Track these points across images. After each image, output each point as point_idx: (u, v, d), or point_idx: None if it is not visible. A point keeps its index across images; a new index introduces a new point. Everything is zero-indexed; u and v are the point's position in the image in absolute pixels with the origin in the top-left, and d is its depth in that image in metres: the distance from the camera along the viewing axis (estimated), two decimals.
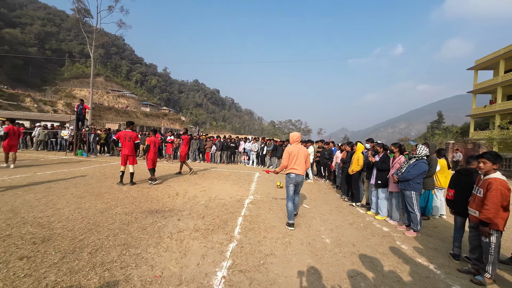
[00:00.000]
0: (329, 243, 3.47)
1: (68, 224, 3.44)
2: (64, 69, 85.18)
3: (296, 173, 4.09)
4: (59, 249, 2.73)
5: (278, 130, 54.73)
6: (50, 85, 73.06)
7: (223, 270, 2.56)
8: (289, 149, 4.18)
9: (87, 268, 2.40)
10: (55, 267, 2.39)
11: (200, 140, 13.17)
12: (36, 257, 2.54)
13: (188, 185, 6.64)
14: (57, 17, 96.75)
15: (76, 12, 29.95)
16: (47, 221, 3.50)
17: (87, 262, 2.51)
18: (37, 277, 2.20)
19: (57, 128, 15.32)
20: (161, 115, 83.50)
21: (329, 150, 8.79)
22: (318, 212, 5.03)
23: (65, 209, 4.06)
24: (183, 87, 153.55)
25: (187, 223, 3.81)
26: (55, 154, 12.34)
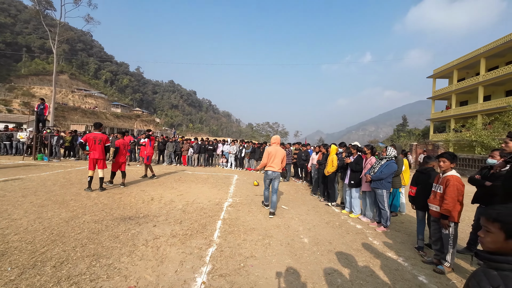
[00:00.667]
0: (307, 243, 3.57)
1: (26, 236, 3.12)
2: (20, 64, 77.15)
3: (272, 170, 4.90)
4: (17, 264, 2.46)
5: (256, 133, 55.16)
6: (3, 82, 65.65)
7: (202, 276, 2.51)
8: (269, 150, 4.97)
9: (50, 284, 2.19)
10: (12, 284, 2.14)
11: (176, 142, 12.76)
12: None
13: (164, 190, 6.39)
14: (13, 7, 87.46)
15: (35, 3, 27.42)
16: (1, 234, 3.13)
17: (50, 277, 2.29)
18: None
19: (13, 130, 13.81)
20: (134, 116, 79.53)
21: (306, 152, 9.06)
22: (296, 212, 5.14)
23: (22, 220, 3.67)
24: (157, 87, 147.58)
25: (163, 229, 3.66)
26: (10, 159, 11.09)
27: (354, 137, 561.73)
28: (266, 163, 4.94)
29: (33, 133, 11.57)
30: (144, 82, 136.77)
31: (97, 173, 5.87)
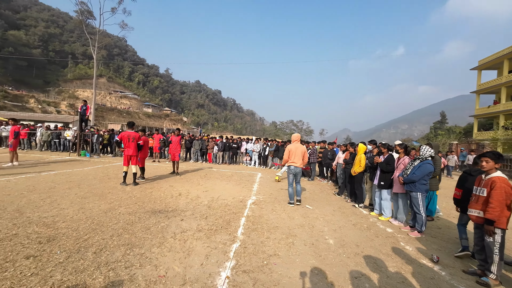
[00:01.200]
0: (332, 244, 3.46)
1: (72, 224, 3.47)
2: (67, 70, 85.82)
3: (294, 165, 5.29)
4: (64, 249, 2.75)
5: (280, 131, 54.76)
6: (53, 86, 73.66)
7: (226, 271, 2.57)
8: (289, 147, 5.39)
9: (92, 268, 2.41)
10: (60, 266, 2.40)
11: (202, 140, 13.20)
12: (42, 256, 2.56)
13: (191, 186, 6.65)
14: (60, 18, 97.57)
15: (79, 14, 30.21)
16: (52, 221, 3.53)
17: (92, 262, 2.52)
18: (44, 276, 2.22)
19: (61, 129, 15.43)
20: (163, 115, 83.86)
21: (332, 150, 8.77)
22: (321, 212, 5.02)
23: (69, 209, 4.09)
24: (185, 88, 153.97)
25: (190, 224, 3.82)
26: (59, 155, 12.43)
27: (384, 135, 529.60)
28: (288, 160, 5.37)
29: (77, 131, 12.83)
30: (173, 83, 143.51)
31: (131, 168, 6.31)
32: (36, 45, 77.77)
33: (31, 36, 78.45)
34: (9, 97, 47.70)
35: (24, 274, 2.24)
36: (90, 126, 14.53)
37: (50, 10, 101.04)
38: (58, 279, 2.19)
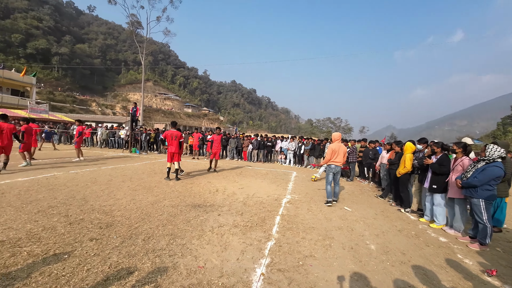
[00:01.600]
0: (374, 250, 3.22)
1: (125, 213, 3.90)
2: (120, 76, 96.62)
3: (335, 164, 5.34)
4: (119, 234, 3.11)
5: (316, 129, 52.99)
6: (110, 90, 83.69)
7: (261, 268, 2.59)
8: (332, 146, 5.35)
9: (141, 253, 2.68)
10: (116, 249, 2.72)
11: (238, 139, 13.55)
12: (102, 239, 2.94)
13: (227, 182, 6.89)
14: (115, 30, 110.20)
15: (130, 25, 33.65)
16: (110, 209, 4.02)
17: (141, 248, 2.80)
18: (103, 257, 2.55)
19: (116, 129, 17.46)
20: (202, 115, 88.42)
21: (374, 149, 8.16)
22: (361, 215, 4.71)
23: (123, 200, 4.60)
24: (221, 88, 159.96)
25: (226, 219, 3.96)
26: (114, 151, 14.10)
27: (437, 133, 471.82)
28: (330, 159, 5.32)
29: (128, 131, 14.36)
30: (210, 83, 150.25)
31: (174, 165, 6.80)
32: (96, 56, 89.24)
33: (93, 47, 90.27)
34: (76, 101, 55.75)
35: (89, 254, 2.59)
36: (139, 126, 16.12)
37: (107, 24, 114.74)
38: (115, 261, 2.49)
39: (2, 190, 4.65)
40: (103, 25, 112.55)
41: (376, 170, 7.84)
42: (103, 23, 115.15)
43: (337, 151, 5.29)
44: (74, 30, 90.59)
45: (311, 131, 55.12)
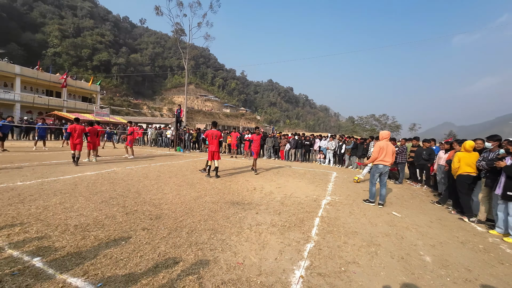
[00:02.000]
0: (429, 262, 2.86)
1: (172, 207, 4.22)
2: (167, 81, 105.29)
3: (384, 164, 5.01)
4: (166, 226, 3.37)
5: (358, 127, 49.66)
6: (158, 94, 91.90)
7: (300, 270, 2.52)
8: (380, 144, 5.05)
9: (185, 245, 2.86)
10: (164, 240, 2.96)
11: (274, 138, 13.51)
12: (152, 230, 3.23)
13: (264, 181, 6.92)
14: (162, 39, 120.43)
15: (174, 33, 36.37)
16: (158, 203, 4.40)
17: (185, 240, 2.99)
18: (153, 246, 2.79)
19: (163, 129, 19.10)
20: (239, 115, 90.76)
21: (429, 149, 7.26)
22: (412, 222, 4.24)
23: (169, 194, 4.99)
24: (258, 87, 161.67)
25: (264, 218, 3.97)
26: (162, 150, 15.44)
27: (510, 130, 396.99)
28: (377, 158, 5.04)
29: (174, 131, 15.56)
30: (247, 84, 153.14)
31: (214, 163, 7.12)
32: (147, 63, 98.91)
33: (144, 56, 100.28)
34: (131, 105, 62.70)
35: (141, 242, 2.87)
36: (183, 126, 17.33)
37: (156, 34, 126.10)
38: (163, 250, 2.71)
39: (75, 182, 5.50)
40: (152, 35, 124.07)
41: (431, 172, 6.98)
42: (152, 33, 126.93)
43: (385, 150, 4.99)
44: (129, 42, 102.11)
45: (353, 129, 51.84)
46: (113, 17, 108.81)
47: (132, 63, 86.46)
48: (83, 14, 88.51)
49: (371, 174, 5.19)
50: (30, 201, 4.02)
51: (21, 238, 2.77)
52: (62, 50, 68.44)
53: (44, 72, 28.28)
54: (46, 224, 3.17)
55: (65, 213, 3.62)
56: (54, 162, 8.07)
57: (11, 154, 9.56)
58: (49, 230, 3.03)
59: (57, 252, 2.53)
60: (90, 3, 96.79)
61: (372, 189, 5.13)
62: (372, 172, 5.15)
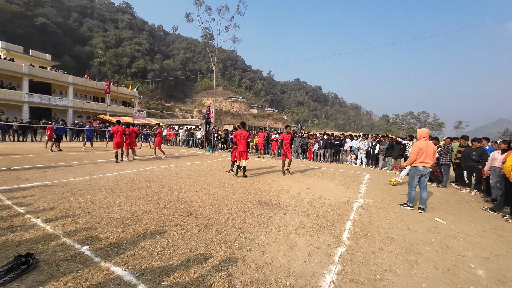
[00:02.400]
0: (483, 276, 2.53)
1: (202, 205, 4.37)
2: (196, 84, 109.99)
3: (424, 165, 4.59)
4: (197, 223, 3.50)
5: (394, 125, 46.32)
6: (188, 97, 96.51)
7: (331, 274, 2.41)
8: (419, 145, 4.60)
9: (215, 242, 2.93)
10: (195, 236, 3.08)
11: (303, 138, 13.24)
12: (184, 226, 3.38)
13: (292, 182, 6.81)
14: (192, 45, 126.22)
15: (204, 37, 37.84)
16: (189, 200, 4.60)
17: (215, 237, 3.07)
18: (185, 241, 2.92)
19: (194, 130, 19.97)
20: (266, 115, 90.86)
21: (480, 149, 6.46)
22: (460, 230, 3.80)
23: (199, 193, 5.18)
24: (285, 87, 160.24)
25: (292, 218, 3.90)
26: (193, 150, 16.13)
27: None
28: (415, 160, 4.64)
29: (203, 131, 16.16)
30: (274, 84, 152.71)
31: (242, 162, 7.21)
32: (178, 68, 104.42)
33: (176, 62, 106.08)
34: (165, 108, 66.75)
35: (174, 237, 3.02)
36: (212, 127, 17.91)
37: (187, 40, 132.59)
38: (194, 246, 2.81)
39: (117, 179, 6.01)
40: (183, 41, 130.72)
41: (482, 175, 6.21)
42: (184, 39, 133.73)
43: (425, 150, 4.56)
44: (162, 49, 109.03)
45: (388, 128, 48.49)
46: (148, 27, 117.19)
47: (166, 69, 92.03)
48: (123, 26, 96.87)
49: (410, 177, 4.78)
50: (80, 196, 4.49)
51: (73, 228, 3.11)
52: (106, 59, 75.86)
53: (91, 80, 31.54)
54: (93, 217, 3.52)
55: (109, 207, 3.97)
56: (100, 161, 8.94)
57: (65, 153, 10.83)
58: (95, 222, 3.35)
59: (102, 242, 2.78)
60: (129, 15, 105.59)
61: (411, 193, 4.75)
62: (412, 174, 4.73)
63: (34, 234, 2.89)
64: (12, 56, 25.71)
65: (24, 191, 4.56)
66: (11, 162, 7.60)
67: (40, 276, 2.13)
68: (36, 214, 3.47)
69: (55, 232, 2.97)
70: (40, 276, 2.13)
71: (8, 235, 2.82)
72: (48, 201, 4.07)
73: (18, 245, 2.61)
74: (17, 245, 2.62)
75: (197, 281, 2.18)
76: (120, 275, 2.20)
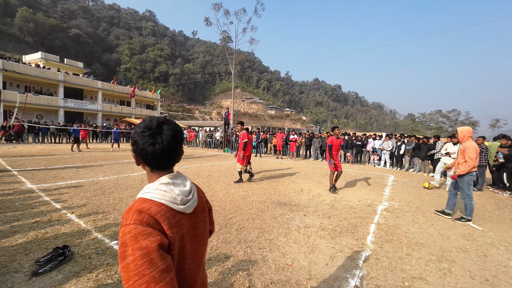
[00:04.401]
0: None
1: (222, 204, 4.43)
2: (215, 86, 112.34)
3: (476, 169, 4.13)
4: (217, 222, 3.55)
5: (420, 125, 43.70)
6: (208, 100, 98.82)
7: (355, 279, 2.32)
8: (477, 147, 4.06)
9: (235, 242, 2.96)
10: (215, 235, 3.13)
11: (322, 138, 12.96)
12: None
13: (312, 183, 6.68)
14: (211, 48, 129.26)
15: (222, 40, 38.54)
16: (209, 200, 4.62)
17: (235, 237, 3.09)
18: None
19: (213, 131, 20.38)
20: (284, 116, 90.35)
21: None
22: (499, 238, 3.48)
23: (219, 192, 5.27)
24: (303, 87, 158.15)
25: (313, 220, 3.82)
26: (212, 151, 16.46)
27: None
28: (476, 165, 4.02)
29: (222, 133, 16.43)
30: (292, 84, 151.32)
31: (238, 166, 7.21)
32: (198, 71, 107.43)
33: (196, 65, 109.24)
34: (185, 110, 68.99)
35: None
36: (230, 129, 18.14)
37: (206, 44, 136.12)
38: (214, 244, 2.86)
39: (142, 178, 6.30)
40: (203, 45, 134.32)
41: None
42: (203, 43, 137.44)
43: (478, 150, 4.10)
44: (183, 54, 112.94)
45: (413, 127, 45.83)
46: (170, 33, 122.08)
47: (186, 72, 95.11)
48: (146, 33, 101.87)
49: (468, 184, 4.12)
50: (109, 193, 4.77)
51: (103, 224, 3.30)
52: (131, 65, 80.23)
53: (118, 85, 33.50)
54: (121, 213, 3.71)
55: None
56: (126, 161, 9.43)
57: (95, 154, 11.58)
58: None
59: None
60: (152, 23, 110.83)
61: (471, 203, 4.11)
62: (467, 181, 4.13)
63: (69, 228, 3.12)
64: (49, 65, 28.11)
65: (61, 189, 4.94)
66: (49, 162, 8.29)
67: (75, 267, 2.29)
68: (71, 210, 3.74)
69: (87, 227, 3.18)
70: (75, 267, 2.29)
71: (47, 228, 3.07)
72: (81, 198, 4.37)
73: (56, 238, 2.83)
74: (55, 237, 2.85)
75: (219, 279, 2.21)
76: None
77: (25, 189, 4.81)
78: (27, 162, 8.02)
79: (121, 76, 72.28)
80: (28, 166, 7.35)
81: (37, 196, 4.40)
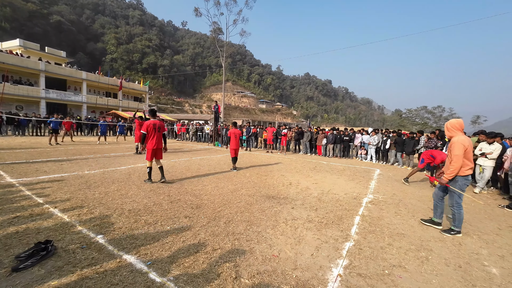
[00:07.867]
0: (497, 275, 2.46)
1: (210, 198, 4.44)
2: (206, 79, 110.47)
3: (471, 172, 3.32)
4: (206, 215, 3.57)
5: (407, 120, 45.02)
6: (198, 93, 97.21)
7: (338, 268, 2.41)
8: (465, 143, 3.18)
9: (223, 234, 2.98)
10: (203, 228, 3.14)
11: (311, 132, 13.11)
12: (193, 218, 3.45)
13: (301, 176, 6.79)
14: (202, 40, 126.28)
15: (212, 32, 37.72)
16: (199, 193, 4.68)
17: (223, 230, 3.12)
18: (194, 232, 2.99)
19: (203, 125, 20.15)
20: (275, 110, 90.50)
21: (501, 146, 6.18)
22: (475, 228, 3.69)
23: (208, 186, 5.26)
24: (294, 82, 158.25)
25: (300, 213, 3.90)
26: (202, 144, 16.32)
27: None
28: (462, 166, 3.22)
29: (212, 126, 16.28)
30: (283, 78, 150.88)
31: (234, 158, 7.23)
32: (188, 63, 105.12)
33: (185, 57, 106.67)
34: (174, 103, 67.66)
35: (184, 228, 3.10)
36: (220, 122, 18.00)
37: (196, 35, 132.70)
38: (202, 237, 2.88)
39: (129, 172, 6.19)
40: (193, 36, 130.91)
41: (498, 172, 5.98)
42: (193, 34, 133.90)
43: (470, 149, 3.26)
44: (172, 45, 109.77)
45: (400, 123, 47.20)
46: (158, 22, 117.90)
47: (175, 64, 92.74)
48: (133, 22, 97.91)
49: (460, 190, 3.34)
50: (95, 187, 4.66)
51: (88, 218, 3.24)
52: (117, 56, 77.24)
53: (104, 76, 32.29)
54: (107, 208, 3.65)
55: (121, 199, 4.10)
56: (113, 155, 9.21)
57: (80, 147, 11.21)
58: (109, 212, 3.47)
59: (115, 232, 2.89)
60: (139, 11, 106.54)
61: (461, 212, 3.35)
62: (461, 186, 3.32)
63: (52, 223, 3.04)
64: (29, 53, 26.62)
65: (43, 183, 4.78)
66: (30, 155, 7.96)
67: (58, 262, 2.24)
68: (54, 204, 3.64)
69: (72, 221, 3.11)
70: (58, 262, 2.24)
71: (29, 223, 2.98)
72: (65, 192, 4.25)
73: (38, 233, 2.76)
74: (37, 232, 2.77)
75: (206, 270, 2.24)
76: (132, 263, 2.29)
77: (4, 183, 4.62)
78: (7, 156, 7.67)
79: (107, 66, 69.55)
80: (8, 159, 7.04)
81: (17, 190, 4.24)
